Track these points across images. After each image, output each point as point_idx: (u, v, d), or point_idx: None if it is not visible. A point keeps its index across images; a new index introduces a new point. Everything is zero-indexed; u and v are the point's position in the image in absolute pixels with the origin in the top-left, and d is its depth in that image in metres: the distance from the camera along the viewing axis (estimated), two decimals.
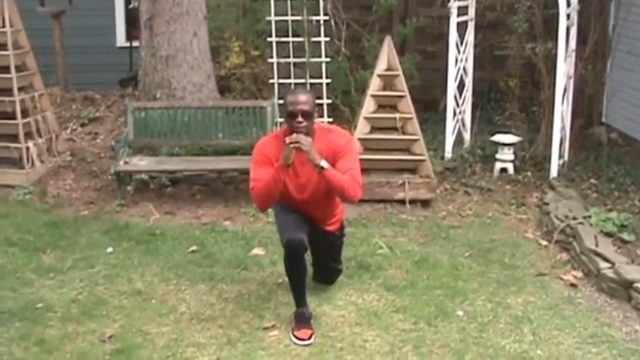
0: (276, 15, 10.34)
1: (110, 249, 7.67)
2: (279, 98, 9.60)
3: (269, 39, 10.43)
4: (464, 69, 10.42)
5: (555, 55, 9.35)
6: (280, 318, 6.20)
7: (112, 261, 7.39)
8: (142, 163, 9.19)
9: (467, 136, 10.62)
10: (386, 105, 9.17)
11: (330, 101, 10.38)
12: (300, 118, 5.79)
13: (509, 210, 8.79)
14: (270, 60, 10.53)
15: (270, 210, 6.54)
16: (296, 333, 5.96)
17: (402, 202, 8.78)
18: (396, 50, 9.23)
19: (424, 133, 9.35)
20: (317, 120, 6.18)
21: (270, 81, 10.48)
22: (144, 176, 9.35)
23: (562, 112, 9.52)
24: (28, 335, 5.97)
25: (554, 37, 9.34)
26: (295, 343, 5.88)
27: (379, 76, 9.11)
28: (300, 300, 6.13)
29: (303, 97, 5.87)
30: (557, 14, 9.19)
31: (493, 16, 11.06)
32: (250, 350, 5.78)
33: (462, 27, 10.26)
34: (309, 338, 5.91)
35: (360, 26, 11.28)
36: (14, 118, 9.73)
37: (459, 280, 6.92)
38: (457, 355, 5.72)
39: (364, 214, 8.55)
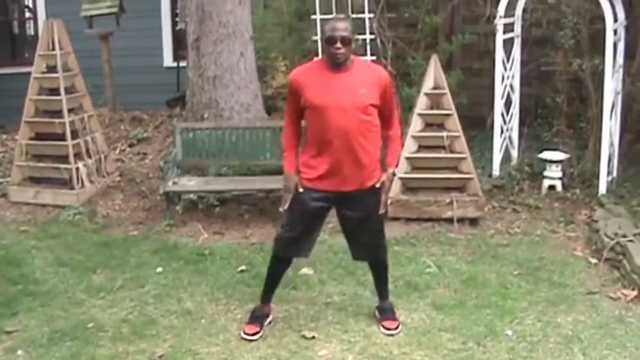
0: (322, 34, 10.37)
1: (160, 269, 7.72)
2: None
3: (315, 58, 10.45)
4: (510, 86, 10.40)
5: (602, 70, 9.30)
6: (329, 338, 6.19)
7: (162, 281, 7.44)
8: (190, 183, 9.25)
9: (514, 153, 10.58)
10: (433, 123, 9.16)
11: None
12: (338, 44, 5.70)
13: (558, 228, 8.74)
14: None
15: None
16: (245, 327, 6.26)
17: (450, 220, 8.76)
18: (442, 67, 9.22)
19: (471, 151, 9.32)
20: None
21: None
22: (192, 196, 9.39)
23: (610, 128, 9.46)
24: (79, 355, 6.01)
25: (601, 53, 9.30)
26: (242, 338, 6.14)
27: (426, 94, 9.10)
28: (266, 297, 6.42)
29: (342, 25, 5.80)
30: (604, 30, 9.14)
31: (539, 32, 11.03)
32: None
33: (508, 43, 10.23)
34: (254, 335, 6.17)
35: (405, 44, 11.29)
36: (64, 139, 9.86)
37: (507, 299, 6.88)
38: None
39: (412, 233, 8.54)
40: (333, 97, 5.75)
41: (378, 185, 6.01)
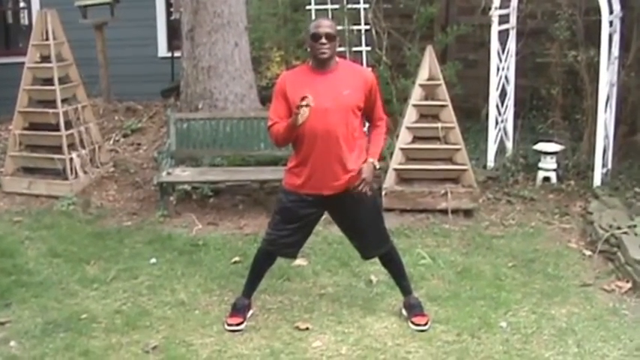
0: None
1: (153, 260, 7.71)
2: None
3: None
4: (505, 77, 10.37)
5: (598, 62, 9.29)
6: (323, 329, 6.19)
7: (156, 272, 7.42)
8: (184, 173, 9.22)
9: (509, 144, 10.56)
10: (428, 114, 9.14)
11: None
12: (323, 40, 5.76)
13: (553, 219, 8.73)
14: None
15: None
16: (228, 319, 6.28)
17: (445, 211, 8.75)
18: (437, 59, 9.19)
19: (466, 142, 9.30)
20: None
21: None
22: (186, 187, 9.38)
23: (605, 120, 9.44)
24: (72, 346, 6.00)
25: (597, 45, 9.28)
26: (227, 329, 6.18)
27: (421, 85, 9.07)
28: (248, 290, 6.42)
29: (326, 22, 5.90)
30: (600, 21, 9.13)
31: (534, 23, 11.00)
32: None
33: (503, 35, 10.21)
34: (238, 325, 6.23)
35: (400, 35, 11.26)
36: (58, 129, 9.83)
37: (502, 290, 6.87)
38: None
39: (406, 225, 8.53)
40: (316, 99, 5.67)
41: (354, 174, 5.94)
